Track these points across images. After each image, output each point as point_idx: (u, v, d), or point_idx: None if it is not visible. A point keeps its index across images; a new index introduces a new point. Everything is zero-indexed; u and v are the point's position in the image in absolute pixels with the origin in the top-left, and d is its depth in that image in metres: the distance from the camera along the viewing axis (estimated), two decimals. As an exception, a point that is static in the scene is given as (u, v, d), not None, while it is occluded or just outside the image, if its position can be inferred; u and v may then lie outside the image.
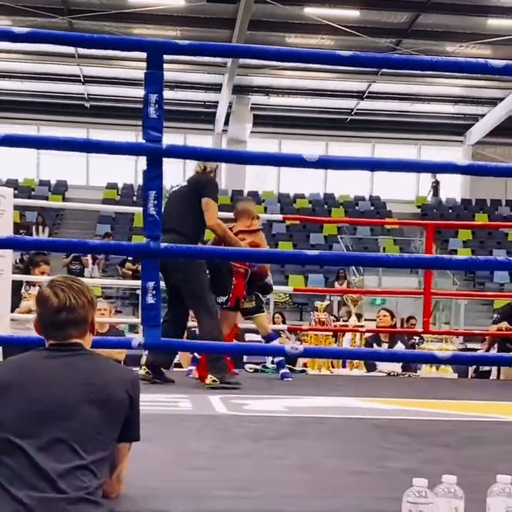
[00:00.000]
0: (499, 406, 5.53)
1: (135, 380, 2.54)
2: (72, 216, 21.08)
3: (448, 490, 2.06)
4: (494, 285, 19.59)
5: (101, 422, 2.33)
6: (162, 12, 17.64)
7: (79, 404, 2.30)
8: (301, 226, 21.58)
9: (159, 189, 2.78)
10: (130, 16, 17.66)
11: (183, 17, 17.97)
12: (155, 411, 4.74)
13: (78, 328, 2.43)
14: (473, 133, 24.89)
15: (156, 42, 2.86)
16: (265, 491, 2.86)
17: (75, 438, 2.26)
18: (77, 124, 22.53)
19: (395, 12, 17.86)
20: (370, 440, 3.98)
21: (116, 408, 2.39)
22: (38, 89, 22.43)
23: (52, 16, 17.22)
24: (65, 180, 23.20)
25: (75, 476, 2.23)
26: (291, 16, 17.64)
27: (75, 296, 2.41)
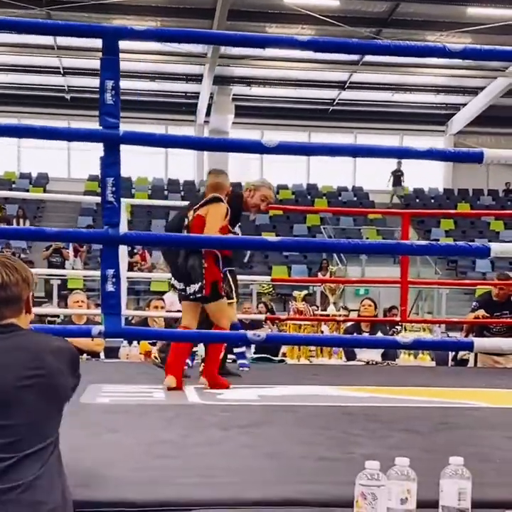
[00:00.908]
0: (472, 393, 5.57)
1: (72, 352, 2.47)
2: (54, 209, 20.98)
3: (401, 472, 2.07)
4: (476, 274, 19.65)
5: (44, 404, 2.29)
6: (142, 2, 17.56)
7: (19, 389, 2.27)
8: (285, 217, 21.58)
9: (117, 176, 2.77)
10: (109, 7, 17.56)
11: (163, 7, 17.89)
12: (128, 402, 4.76)
13: (11, 307, 2.35)
14: (454, 122, 24.94)
15: (112, 28, 2.86)
16: (230, 478, 2.87)
17: (20, 423, 2.24)
18: (57, 116, 22.39)
19: (375, 1, 17.85)
20: (340, 427, 3.99)
21: (60, 387, 2.34)
22: (18, 81, 22.28)
23: (30, 8, 17.10)
24: (46, 172, 23.09)
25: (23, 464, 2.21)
26: (271, 6, 17.59)
27: (7, 273, 2.33)
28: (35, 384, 2.28)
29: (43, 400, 2.28)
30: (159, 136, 2.96)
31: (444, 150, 3.80)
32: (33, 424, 2.25)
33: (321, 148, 3.11)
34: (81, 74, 21.23)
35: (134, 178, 22.95)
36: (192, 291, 5.23)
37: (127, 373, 6.12)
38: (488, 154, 2.98)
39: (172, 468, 2.99)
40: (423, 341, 3.63)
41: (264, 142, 2.79)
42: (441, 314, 15.34)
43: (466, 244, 2.94)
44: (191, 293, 5.25)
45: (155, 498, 2.55)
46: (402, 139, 25.12)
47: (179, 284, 5.33)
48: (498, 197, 24.68)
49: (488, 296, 8.00)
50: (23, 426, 2.23)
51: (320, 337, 4.15)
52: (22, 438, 2.22)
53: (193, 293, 5.23)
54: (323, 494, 2.62)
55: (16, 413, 2.24)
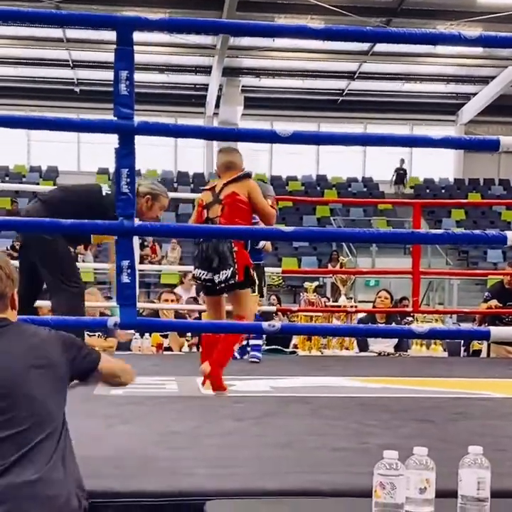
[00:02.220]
0: (485, 383, 5.55)
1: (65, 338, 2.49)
2: (64, 202, 21.00)
3: (419, 462, 2.06)
4: (488, 265, 19.58)
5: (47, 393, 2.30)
6: (150, -6, 17.55)
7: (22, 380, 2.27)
8: (294, 209, 21.54)
9: (132, 167, 2.76)
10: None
11: (172, -1, 17.89)
12: (141, 393, 4.76)
13: None
14: (465, 112, 24.83)
15: (126, 18, 2.84)
16: (244, 468, 2.87)
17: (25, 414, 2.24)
18: (67, 109, 22.39)
19: (385, -9, 17.81)
20: (353, 418, 3.98)
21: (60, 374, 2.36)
22: (27, 74, 22.29)
23: (39, 0, 17.09)
24: (56, 166, 23.11)
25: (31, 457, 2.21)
26: (280, -4, 17.58)
27: None
28: (37, 373, 2.28)
29: (45, 389, 2.28)
30: (173, 126, 2.95)
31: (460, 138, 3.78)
32: (38, 414, 2.25)
33: (336, 137, 3.10)
34: (90, 67, 21.22)
35: (143, 170, 22.95)
36: (223, 278, 4.77)
37: (139, 365, 6.07)
38: (504, 142, 2.96)
39: (186, 458, 2.99)
40: (439, 330, 3.62)
41: (278, 132, 2.77)
42: (453, 305, 15.31)
43: (482, 232, 2.93)
44: (222, 280, 4.78)
45: (169, 489, 2.55)
46: (412, 129, 25.02)
47: (205, 274, 4.83)
48: (509, 186, 24.55)
49: (499, 285, 7.98)
50: (28, 417, 2.23)
51: (335, 327, 4.14)
52: (28, 428, 2.22)
53: (224, 280, 4.77)
54: (340, 484, 2.61)
55: (21, 404, 2.24)
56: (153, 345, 7.30)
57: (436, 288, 16.63)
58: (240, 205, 4.83)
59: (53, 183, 21.80)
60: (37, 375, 2.29)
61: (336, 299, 8.70)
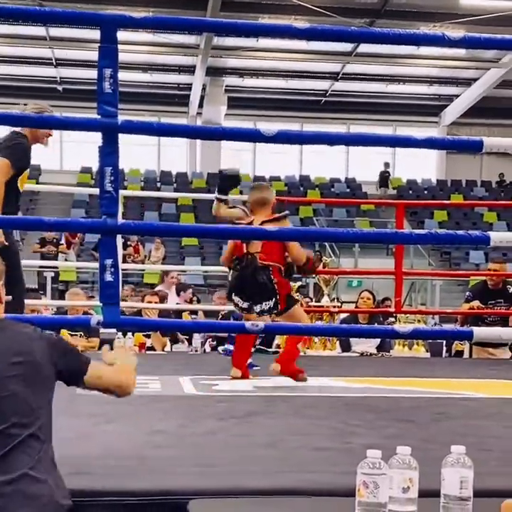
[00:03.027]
0: (467, 383, 5.58)
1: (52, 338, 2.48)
2: (46, 201, 20.90)
3: (402, 461, 2.07)
4: (470, 265, 19.68)
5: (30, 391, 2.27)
6: (134, -7, 17.49)
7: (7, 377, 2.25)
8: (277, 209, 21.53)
9: (115, 165, 2.75)
10: (102, -2, 17.50)
11: (155, -2, 17.84)
12: (124, 392, 4.75)
13: None
14: (448, 114, 24.93)
15: (110, 16, 2.83)
16: (228, 467, 2.87)
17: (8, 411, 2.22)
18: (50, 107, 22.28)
19: (369, -8, 17.85)
20: (337, 417, 3.99)
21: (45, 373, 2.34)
22: (10, 72, 22.15)
23: (22, -2, 17.02)
24: (39, 164, 22.98)
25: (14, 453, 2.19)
26: (264, -3, 17.58)
27: None
28: (21, 371, 2.27)
29: (29, 387, 2.27)
30: (157, 124, 2.94)
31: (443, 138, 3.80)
32: (22, 412, 2.24)
33: (319, 136, 3.11)
34: (73, 65, 21.13)
35: (126, 169, 22.89)
36: (266, 309, 5.05)
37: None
38: (487, 143, 2.98)
39: (169, 457, 2.99)
40: (422, 331, 3.63)
41: (263, 131, 2.78)
42: (435, 306, 15.34)
43: (465, 233, 2.94)
44: (264, 310, 5.06)
45: (152, 488, 2.55)
46: (395, 130, 25.10)
47: (242, 303, 5.12)
48: (491, 188, 24.69)
49: (481, 285, 8.00)
50: (12, 414, 2.22)
51: (319, 326, 4.14)
52: (12, 426, 2.21)
53: (267, 310, 5.06)
54: (323, 483, 2.62)
55: (4, 401, 2.23)
56: (135, 344, 7.28)
57: (419, 289, 16.68)
58: (278, 244, 5.14)
59: (36, 181, 21.69)
60: (20, 373, 2.27)
61: (319, 299, 8.70)
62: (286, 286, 5.18)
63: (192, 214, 20.97)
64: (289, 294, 5.20)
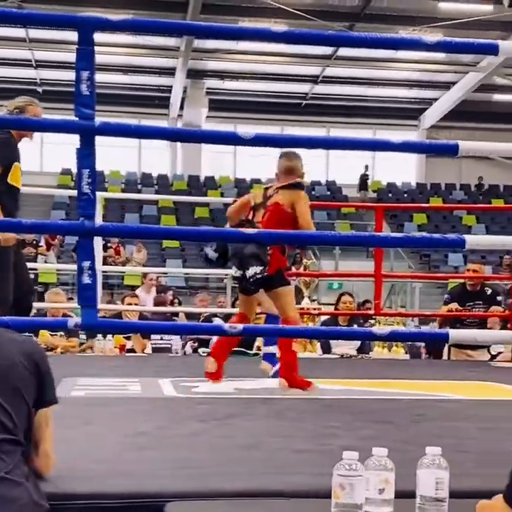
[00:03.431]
0: (445, 385, 5.61)
1: (36, 347, 2.49)
2: (26, 202, 20.68)
3: (378, 462, 2.08)
4: (449, 268, 19.79)
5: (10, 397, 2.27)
6: (114, -5, 17.47)
7: None
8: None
9: (93, 167, 2.75)
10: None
11: (136, 0, 17.80)
12: (103, 394, 4.75)
13: None
14: (427, 117, 25.08)
15: (87, 18, 2.83)
16: (207, 469, 2.86)
17: None
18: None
19: (348, -4, 17.93)
20: (316, 419, 4.00)
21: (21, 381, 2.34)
22: (-11, 74, 22.09)
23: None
24: (19, 166, 22.88)
25: None
26: (243, 0, 17.59)
27: None
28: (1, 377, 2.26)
29: (8, 392, 2.26)
30: (135, 127, 2.94)
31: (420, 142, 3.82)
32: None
33: (297, 140, 3.12)
34: (53, 67, 21.06)
35: (106, 171, 22.82)
36: (252, 273, 4.72)
37: (102, 367, 6.10)
38: (463, 146, 3.00)
39: (149, 460, 2.98)
40: (399, 333, 3.65)
41: (240, 134, 2.78)
42: (415, 308, 15.43)
43: (441, 236, 2.96)
44: (251, 275, 4.73)
45: (129, 490, 2.54)
46: (375, 134, 25.20)
47: (236, 271, 4.91)
48: (470, 191, 24.85)
49: (460, 288, 8.05)
50: None
51: (297, 328, 4.15)
52: None
53: (252, 275, 4.73)
54: (301, 485, 2.62)
55: None
56: (116, 346, 7.27)
57: (399, 291, 16.75)
58: (281, 215, 4.85)
59: (15, 183, 21.56)
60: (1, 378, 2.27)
61: (299, 301, 8.72)
62: (281, 260, 4.91)
63: (173, 216, 20.95)
64: (281, 269, 4.91)
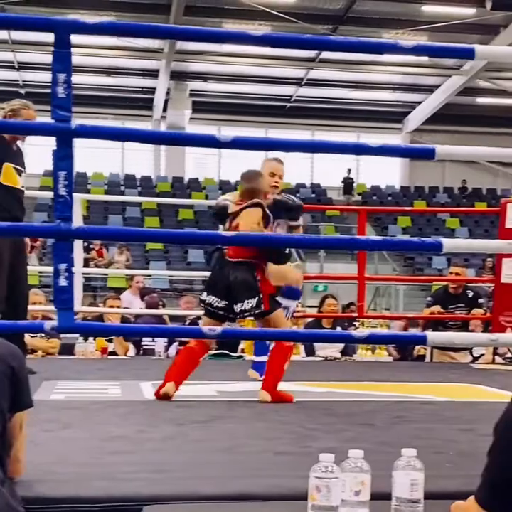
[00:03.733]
0: (427, 387, 5.63)
1: (14, 350, 2.47)
2: (9, 205, 20.70)
3: (354, 464, 2.08)
4: (432, 271, 19.87)
5: None
6: (97, -3, 17.44)
7: None
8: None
9: (69, 170, 2.74)
10: (64, 1, 17.40)
11: (119, 2, 17.78)
12: (83, 398, 4.73)
13: None
14: (410, 120, 25.17)
15: (63, 21, 2.83)
16: (185, 473, 2.85)
17: None
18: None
19: (331, -2, 17.96)
20: (297, 422, 4.00)
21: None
22: (-29, 75, 22.00)
23: (-17, 1, 16.88)
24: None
25: None
26: (227, 2, 17.59)
27: None
28: None
29: None
30: (112, 129, 2.94)
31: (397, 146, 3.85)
32: None
33: (276, 143, 3.12)
34: (36, 68, 20.98)
35: (89, 173, 22.75)
36: (248, 307, 4.56)
37: (82, 370, 6.07)
38: (439, 151, 3.01)
39: (127, 463, 2.97)
40: (378, 335, 3.65)
41: (218, 137, 2.78)
42: (399, 310, 15.48)
43: (419, 240, 2.97)
44: (245, 309, 4.57)
45: (109, 494, 2.53)
46: (359, 137, 25.27)
47: (219, 301, 4.63)
48: (453, 194, 24.96)
49: (442, 291, 8.09)
50: None
51: (276, 331, 4.14)
52: None
53: (249, 309, 4.56)
54: (278, 487, 2.61)
55: None
56: (97, 349, 7.24)
57: (383, 293, 16.81)
58: None
59: (-2, 185, 21.45)
60: None
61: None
62: (270, 286, 4.69)
63: (157, 218, 20.92)
64: (272, 294, 4.70)
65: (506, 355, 8.41)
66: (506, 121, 24.00)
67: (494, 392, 5.36)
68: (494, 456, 1.70)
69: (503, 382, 5.73)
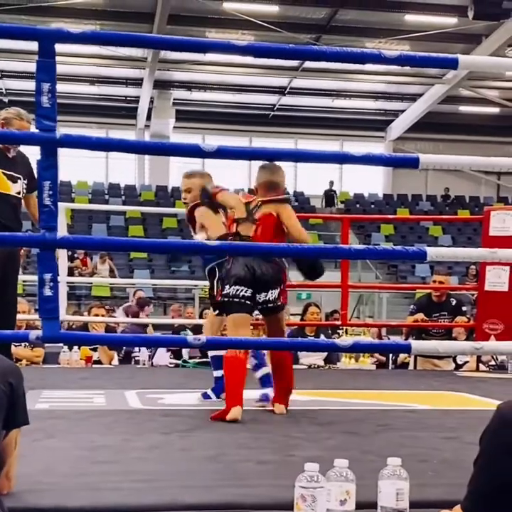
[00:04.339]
0: (410, 395, 5.64)
1: (13, 367, 2.50)
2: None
3: (340, 474, 2.08)
4: (416, 278, 19.93)
5: None
6: (80, 6, 17.40)
7: None
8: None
9: (54, 179, 2.74)
10: (48, 10, 17.36)
11: (102, 11, 17.76)
12: (68, 407, 4.71)
13: None
14: (393, 129, 25.28)
15: (47, 30, 2.83)
16: (169, 482, 2.85)
17: None
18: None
19: (314, 8, 17.97)
20: (281, 430, 4.01)
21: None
22: (-47, 84, 21.91)
23: (-34, 9, 16.82)
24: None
25: None
26: (210, 11, 17.61)
27: None
28: None
29: None
30: (97, 139, 2.93)
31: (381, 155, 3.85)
32: None
33: (260, 152, 3.13)
34: (19, 77, 20.93)
35: (74, 181, 22.69)
36: (272, 298, 4.54)
37: (67, 379, 6.05)
38: (423, 160, 3.03)
39: (111, 473, 2.97)
40: (362, 344, 3.66)
41: (202, 146, 2.79)
42: (382, 318, 15.52)
43: (403, 248, 2.98)
44: (270, 300, 4.54)
45: (93, 504, 2.52)
46: (342, 145, 25.36)
47: (245, 290, 4.49)
48: (436, 202, 25.08)
49: (425, 298, 8.11)
50: None
51: (259, 340, 4.15)
52: None
53: (272, 300, 4.55)
54: (263, 497, 2.62)
55: None
56: (82, 358, 7.21)
57: (366, 301, 16.84)
58: (275, 227, 4.64)
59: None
60: None
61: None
62: (285, 280, 4.68)
63: (141, 226, 20.90)
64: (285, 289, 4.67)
65: (490, 363, 8.46)
66: (488, 129, 24.19)
67: (478, 400, 5.38)
68: (480, 467, 1.71)
69: (487, 390, 5.76)
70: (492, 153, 4.81)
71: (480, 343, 3.42)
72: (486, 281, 7.42)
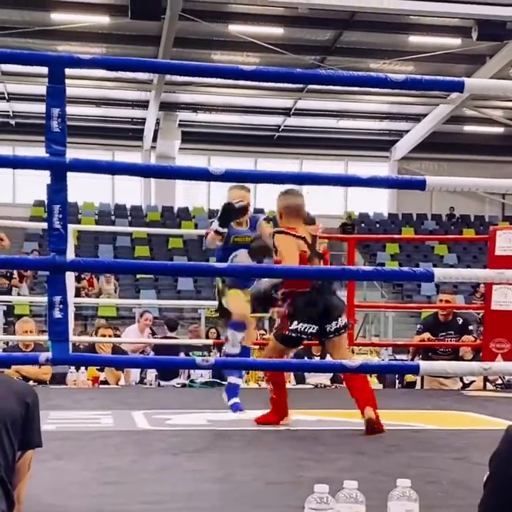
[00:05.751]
0: (418, 415, 5.63)
1: (29, 388, 2.54)
2: (-2, 235, 20.68)
3: (349, 495, 2.09)
4: (421, 297, 19.90)
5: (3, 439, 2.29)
6: (86, 29, 17.49)
7: None
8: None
9: (64, 203, 2.77)
10: (54, 33, 17.46)
11: (108, 34, 17.86)
12: (75, 428, 4.72)
13: None
14: (398, 149, 25.32)
15: (58, 56, 2.86)
16: (177, 503, 2.86)
17: None
18: (1, 141, 22.16)
19: (319, 30, 18.07)
20: (289, 450, 4.01)
21: (12, 422, 2.35)
22: (-39, 107, 22.04)
23: (-26, 33, 16.96)
24: (-9, 197, 22.80)
25: None
26: (215, 33, 17.71)
27: None
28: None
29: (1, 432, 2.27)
30: (106, 163, 2.97)
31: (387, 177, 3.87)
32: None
33: (267, 175, 3.15)
34: (26, 99, 21.05)
35: (80, 202, 22.77)
36: (342, 324, 4.81)
37: (74, 399, 6.06)
38: (430, 182, 3.05)
39: (119, 495, 2.98)
40: (370, 365, 3.67)
41: (211, 170, 2.82)
42: (388, 337, 15.49)
43: (410, 269, 2.99)
44: (341, 326, 4.80)
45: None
46: (347, 165, 25.41)
47: (312, 328, 4.77)
48: (441, 221, 25.07)
49: (432, 318, 8.11)
50: None
51: (268, 361, 4.16)
52: None
53: (343, 326, 4.81)
54: (272, 518, 2.63)
55: None
56: (89, 378, 7.22)
57: (372, 320, 16.82)
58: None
59: (-13, 215, 21.47)
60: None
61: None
62: None
63: (147, 247, 20.95)
64: None
65: (497, 382, 8.43)
66: (493, 148, 24.21)
67: (485, 420, 5.37)
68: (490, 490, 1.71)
69: (494, 409, 5.75)
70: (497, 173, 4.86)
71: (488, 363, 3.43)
72: (493, 300, 7.42)
